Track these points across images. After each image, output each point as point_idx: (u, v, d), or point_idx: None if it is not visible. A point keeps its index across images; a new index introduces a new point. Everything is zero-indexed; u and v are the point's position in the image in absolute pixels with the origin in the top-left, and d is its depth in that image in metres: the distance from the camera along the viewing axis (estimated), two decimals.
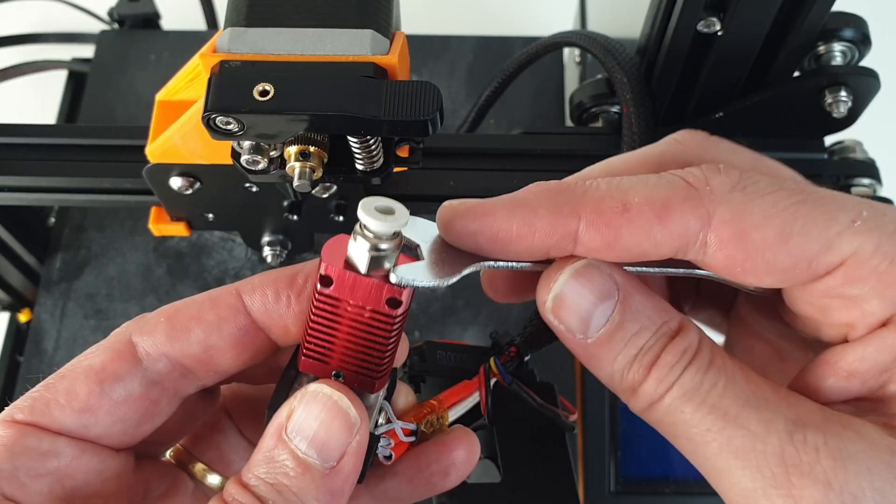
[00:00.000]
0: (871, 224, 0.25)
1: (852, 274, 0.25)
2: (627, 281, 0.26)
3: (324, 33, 0.35)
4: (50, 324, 0.60)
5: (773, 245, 0.25)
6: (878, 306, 0.25)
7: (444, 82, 0.69)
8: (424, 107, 0.33)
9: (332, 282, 0.25)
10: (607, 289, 0.26)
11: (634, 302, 0.26)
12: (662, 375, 0.25)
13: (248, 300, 0.28)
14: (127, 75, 0.69)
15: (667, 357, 0.25)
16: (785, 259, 0.25)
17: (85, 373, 0.27)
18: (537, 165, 0.47)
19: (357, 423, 0.26)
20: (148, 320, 0.28)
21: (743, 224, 0.25)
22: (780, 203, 0.25)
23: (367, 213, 0.24)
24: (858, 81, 0.44)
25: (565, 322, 0.26)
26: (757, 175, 0.26)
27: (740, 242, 0.25)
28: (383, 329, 0.26)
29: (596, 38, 0.48)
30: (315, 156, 0.36)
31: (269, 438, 0.26)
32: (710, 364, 0.25)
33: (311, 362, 0.28)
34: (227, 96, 0.33)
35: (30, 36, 0.80)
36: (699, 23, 0.41)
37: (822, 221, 0.25)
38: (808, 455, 0.23)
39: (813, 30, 0.43)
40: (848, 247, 0.24)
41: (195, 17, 0.77)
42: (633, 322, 0.26)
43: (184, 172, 0.44)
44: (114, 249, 0.62)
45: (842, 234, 0.25)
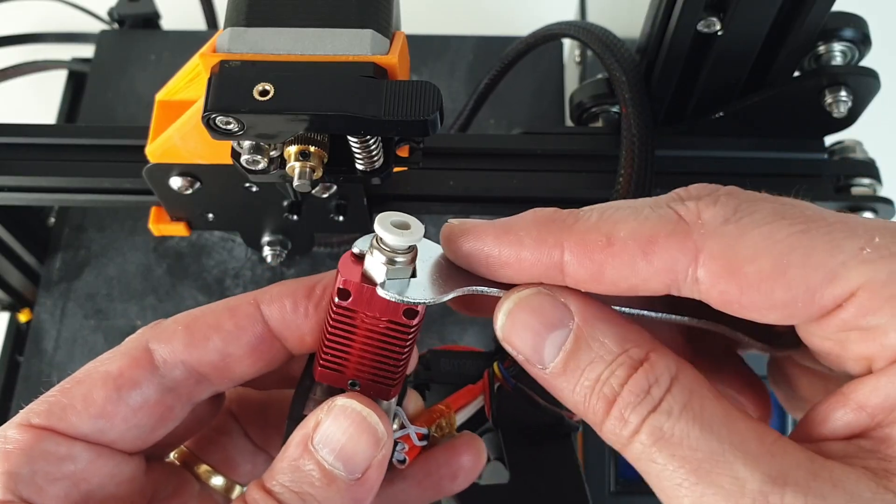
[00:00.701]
0: (884, 250, 0.23)
1: (866, 305, 0.22)
2: (586, 308, 0.25)
3: (324, 33, 0.35)
4: (50, 324, 0.60)
5: (768, 278, 0.23)
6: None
7: (444, 82, 0.69)
8: (424, 107, 0.33)
9: (350, 295, 0.26)
10: (557, 317, 0.25)
11: (591, 329, 0.25)
12: (625, 415, 0.23)
13: (266, 310, 0.28)
14: (127, 75, 0.69)
15: (627, 395, 0.23)
16: (783, 293, 0.23)
17: (102, 379, 0.27)
18: (537, 165, 0.47)
19: (384, 438, 0.27)
20: (165, 327, 0.28)
21: (735, 258, 0.23)
22: (778, 233, 0.23)
23: (384, 228, 0.25)
24: (858, 81, 0.44)
25: (518, 351, 0.25)
26: (758, 204, 0.24)
27: (733, 277, 0.23)
28: (399, 338, 0.27)
29: (596, 32, 0.47)
30: (315, 156, 0.36)
31: (295, 448, 0.26)
32: (683, 408, 0.23)
33: (328, 372, 0.28)
34: (227, 96, 0.33)
35: (30, 36, 0.80)
36: (699, 23, 0.41)
37: (824, 251, 0.23)
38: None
39: (813, 30, 0.43)
40: (856, 276, 0.22)
41: (195, 17, 0.77)
42: (587, 351, 0.24)
43: (184, 172, 0.44)
44: (114, 249, 0.62)
45: (847, 263, 0.23)
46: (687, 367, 0.24)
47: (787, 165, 0.48)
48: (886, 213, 0.46)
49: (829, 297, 0.23)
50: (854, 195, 0.47)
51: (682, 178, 0.48)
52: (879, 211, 0.46)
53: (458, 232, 0.26)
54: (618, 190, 0.43)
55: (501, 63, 0.53)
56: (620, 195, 0.42)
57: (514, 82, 0.68)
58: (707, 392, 0.24)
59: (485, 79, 0.54)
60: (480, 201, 0.48)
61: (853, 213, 0.25)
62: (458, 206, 0.49)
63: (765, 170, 0.47)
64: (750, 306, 0.24)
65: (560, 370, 0.25)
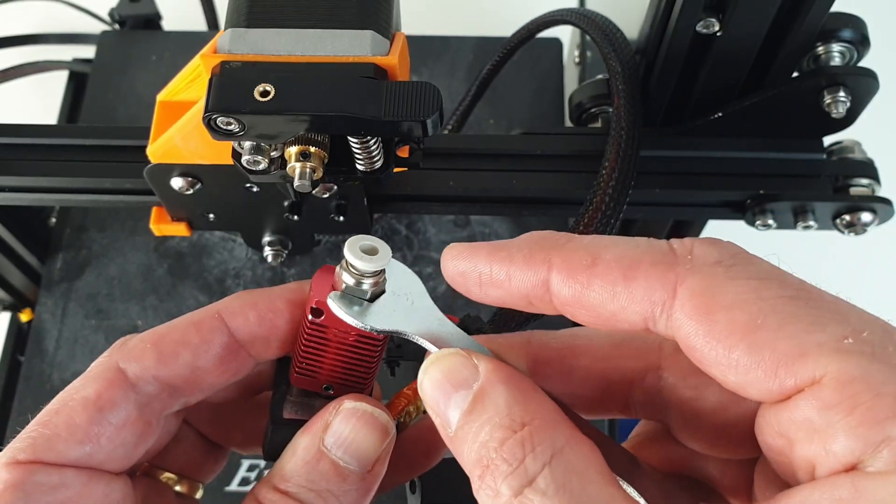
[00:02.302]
0: (867, 347, 0.20)
1: (826, 397, 0.20)
2: (495, 371, 0.24)
3: (324, 34, 0.35)
4: (51, 324, 0.60)
5: (737, 332, 0.21)
6: (844, 446, 0.20)
7: (444, 82, 0.69)
8: (424, 107, 0.33)
9: (323, 313, 0.28)
10: (464, 377, 0.24)
11: (490, 390, 0.24)
12: (496, 484, 0.22)
13: (230, 323, 0.29)
14: (128, 76, 0.69)
15: (499, 461, 0.22)
16: (746, 354, 0.21)
17: (81, 404, 0.27)
18: (537, 166, 0.47)
19: (391, 429, 0.28)
20: (133, 347, 0.29)
21: (711, 301, 0.21)
22: (765, 291, 0.21)
23: (352, 253, 0.27)
24: (857, 82, 0.44)
25: (431, 411, 0.25)
26: (757, 260, 0.23)
27: (703, 321, 0.21)
28: (369, 349, 0.29)
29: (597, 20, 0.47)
30: (315, 156, 0.36)
31: (305, 450, 0.28)
32: (559, 489, 0.21)
33: (304, 378, 0.30)
34: (227, 97, 0.33)
35: (31, 37, 0.80)
36: (698, 23, 0.41)
37: (804, 324, 0.21)
38: None
39: (812, 30, 0.43)
40: (826, 363, 0.20)
41: (196, 17, 0.77)
42: (480, 413, 0.23)
43: (185, 173, 0.44)
44: (115, 249, 0.62)
45: (823, 346, 0.20)
46: (579, 445, 0.22)
47: (786, 166, 0.48)
48: (885, 214, 0.46)
49: (791, 376, 0.20)
50: (853, 195, 0.47)
51: (682, 178, 0.48)
52: (878, 211, 0.46)
53: (455, 252, 0.27)
54: (599, 182, 0.43)
55: (504, 49, 0.53)
56: (601, 186, 0.42)
57: (514, 82, 0.68)
58: (595, 475, 0.22)
59: (487, 65, 0.55)
60: (480, 201, 0.48)
61: (844, 301, 0.22)
62: (458, 206, 0.49)
63: (764, 170, 0.48)
64: (711, 358, 0.22)
65: (458, 433, 0.24)
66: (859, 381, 0.20)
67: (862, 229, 0.47)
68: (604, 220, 0.42)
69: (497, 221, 0.62)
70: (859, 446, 0.19)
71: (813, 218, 0.47)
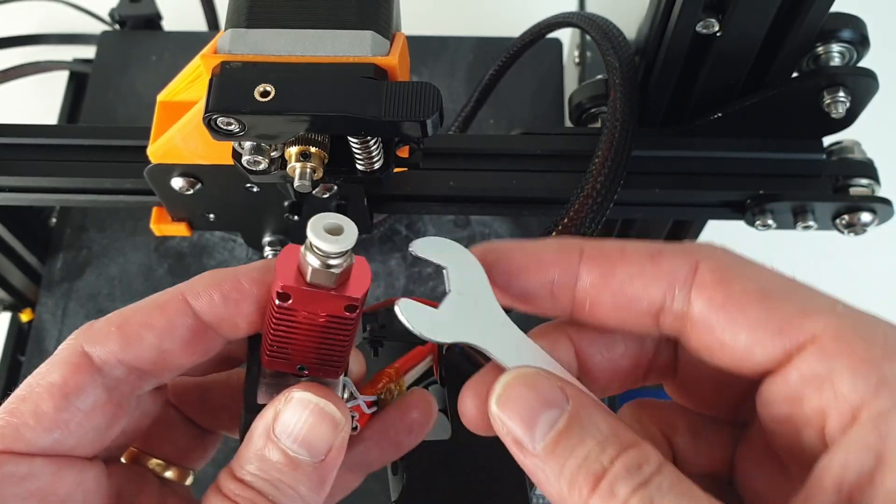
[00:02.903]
0: (855, 312, 0.25)
1: (826, 349, 0.23)
2: (582, 395, 0.26)
3: (324, 34, 0.35)
4: (51, 324, 0.60)
5: (751, 296, 0.25)
6: (849, 385, 0.23)
7: (444, 82, 0.69)
8: (424, 107, 0.33)
9: (290, 297, 0.27)
10: (554, 397, 0.25)
11: (586, 411, 0.25)
12: (614, 488, 0.23)
13: (194, 304, 0.29)
14: (128, 76, 0.69)
15: (618, 468, 0.23)
16: (757, 313, 0.25)
17: (48, 390, 0.27)
18: (537, 166, 0.47)
19: (342, 422, 0.28)
20: (98, 329, 0.28)
21: (728, 273, 0.25)
22: (770, 274, 0.26)
23: (315, 234, 0.25)
24: (857, 82, 0.44)
25: (510, 423, 0.25)
26: (760, 263, 0.26)
27: (721, 289, 0.25)
28: (342, 329, 0.28)
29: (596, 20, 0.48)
30: (315, 156, 0.36)
31: (259, 438, 0.28)
32: (672, 486, 0.23)
33: (276, 361, 0.30)
34: (228, 97, 0.34)
35: (31, 37, 0.81)
36: (698, 24, 0.41)
37: (804, 293, 0.25)
38: None
39: (811, 31, 0.43)
40: (824, 320, 0.24)
41: (196, 18, 0.77)
42: (579, 431, 0.25)
43: (185, 173, 0.44)
44: (115, 249, 0.63)
45: (821, 310, 0.24)
46: (671, 465, 0.25)
47: (786, 166, 0.48)
48: (885, 213, 0.46)
49: (795, 333, 0.24)
50: (852, 195, 0.47)
51: (682, 178, 0.48)
52: (878, 211, 0.46)
53: (488, 247, 0.28)
54: (591, 171, 0.43)
55: (506, 55, 0.54)
56: (592, 176, 0.43)
57: (514, 82, 0.68)
58: (692, 484, 0.24)
59: (489, 70, 0.55)
60: (480, 201, 0.48)
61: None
62: (458, 206, 0.49)
63: (763, 170, 0.48)
64: (726, 321, 0.25)
65: (549, 449, 0.25)
66: (851, 334, 0.23)
67: (861, 229, 0.47)
68: (594, 208, 0.42)
69: (497, 221, 0.62)
70: (861, 385, 0.22)
71: (812, 218, 0.47)
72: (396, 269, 0.61)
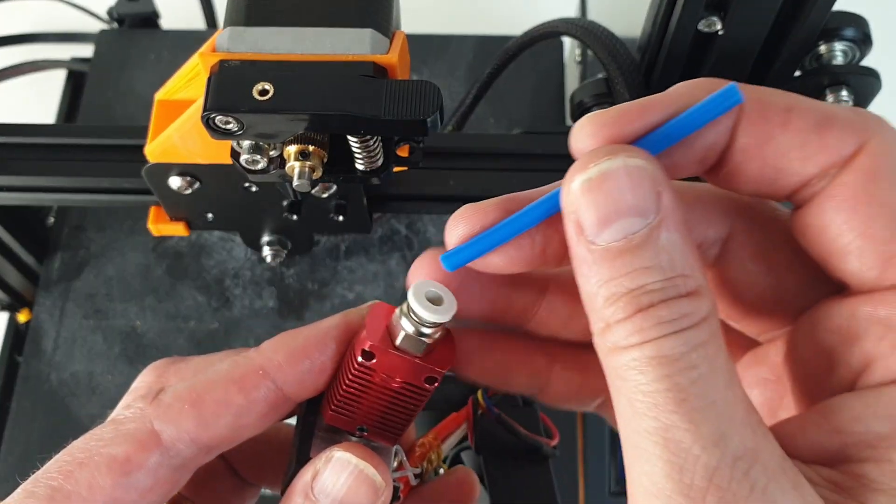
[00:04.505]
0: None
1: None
2: (675, 211, 0.22)
3: (323, 32, 0.35)
4: (49, 324, 0.60)
5: (889, 210, 0.22)
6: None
7: (444, 82, 0.69)
8: (424, 106, 0.33)
9: (374, 356, 0.26)
10: (647, 204, 0.22)
11: (666, 236, 0.22)
12: (645, 326, 0.21)
13: (277, 377, 0.27)
14: (126, 75, 0.69)
15: (661, 311, 0.21)
16: (883, 229, 0.22)
17: (107, 464, 0.26)
18: (538, 165, 0.47)
19: (382, 487, 0.26)
20: (170, 406, 0.27)
21: (882, 171, 0.22)
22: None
23: (418, 300, 0.25)
24: (859, 81, 0.44)
25: (583, 211, 0.22)
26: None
27: (868, 180, 0.22)
28: (415, 398, 0.28)
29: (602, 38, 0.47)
30: (315, 155, 0.36)
31: (297, 495, 0.26)
32: (703, 344, 0.21)
33: (339, 417, 0.29)
34: (226, 96, 0.33)
35: (29, 35, 0.80)
36: (700, 22, 0.41)
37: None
38: (741, 488, 0.20)
39: (814, 29, 0.43)
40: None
41: (194, 16, 0.76)
42: (652, 255, 0.21)
43: (183, 172, 0.44)
44: (113, 249, 0.62)
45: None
46: (721, 337, 0.22)
47: None
48: None
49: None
50: None
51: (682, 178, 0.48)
52: None
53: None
54: None
55: (504, 55, 0.53)
56: None
57: (515, 82, 0.68)
58: (727, 351, 0.22)
59: (487, 70, 0.54)
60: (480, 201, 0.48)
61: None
62: (458, 205, 0.49)
63: None
64: (852, 216, 0.23)
65: (612, 255, 0.22)
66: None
67: None
68: None
69: None
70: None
71: None
72: (396, 269, 0.61)
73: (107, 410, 0.57)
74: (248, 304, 0.60)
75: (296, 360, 0.27)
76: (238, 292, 0.61)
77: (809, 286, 0.25)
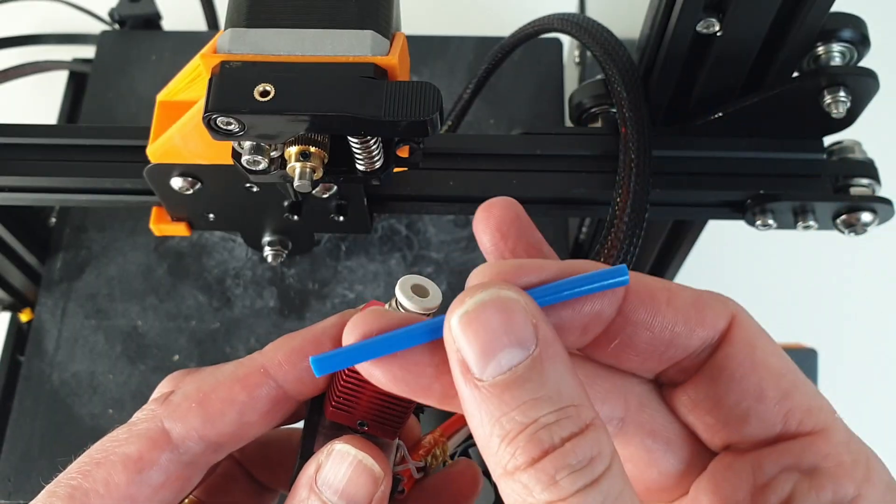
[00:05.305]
0: (851, 434, 0.25)
1: (829, 442, 0.24)
2: (554, 342, 0.23)
3: (324, 34, 0.35)
4: (51, 324, 0.60)
5: (773, 375, 0.25)
6: (831, 492, 0.24)
7: (444, 82, 0.69)
8: (424, 107, 0.33)
9: None
10: (524, 334, 0.22)
11: (551, 364, 0.22)
12: (558, 477, 0.20)
13: (277, 375, 0.29)
14: (128, 76, 0.69)
15: (568, 454, 0.21)
16: (774, 392, 0.25)
17: (122, 462, 0.27)
18: (537, 166, 0.47)
19: (381, 476, 0.28)
20: (178, 405, 0.28)
21: (757, 339, 0.26)
22: (782, 355, 0.26)
23: (403, 293, 0.27)
24: (857, 82, 0.44)
25: (464, 346, 0.22)
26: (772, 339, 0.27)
27: (749, 349, 0.25)
28: None
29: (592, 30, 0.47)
30: (315, 156, 0.36)
31: (302, 489, 0.28)
32: (620, 495, 0.21)
33: (339, 413, 0.30)
34: (227, 97, 0.33)
35: (31, 37, 0.80)
36: (698, 23, 0.41)
37: (812, 391, 0.26)
38: None
39: (812, 30, 0.43)
40: (831, 418, 0.25)
41: (196, 17, 0.77)
42: (538, 385, 0.21)
43: (184, 173, 0.44)
44: (114, 249, 0.62)
45: (829, 409, 0.25)
46: (620, 462, 0.22)
47: (786, 165, 0.48)
48: (885, 213, 0.46)
49: (803, 416, 0.25)
50: (853, 195, 0.47)
51: (683, 178, 0.48)
52: (878, 211, 0.46)
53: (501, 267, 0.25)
54: (614, 211, 0.43)
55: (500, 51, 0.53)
56: (617, 216, 0.43)
57: (514, 82, 0.68)
58: (636, 497, 0.22)
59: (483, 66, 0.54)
60: (480, 201, 0.48)
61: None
62: (458, 205, 0.49)
63: (764, 170, 0.48)
64: (748, 383, 0.25)
65: (499, 389, 0.22)
66: (850, 442, 0.25)
67: (862, 229, 0.47)
68: (620, 256, 0.42)
69: None
70: (849, 489, 0.24)
71: (813, 218, 0.47)
72: (396, 269, 0.61)
73: (108, 410, 0.57)
74: (249, 303, 0.60)
75: (295, 360, 0.28)
76: (239, 292, 0.61)
77: (698, 453, 0.27)
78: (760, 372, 0.25)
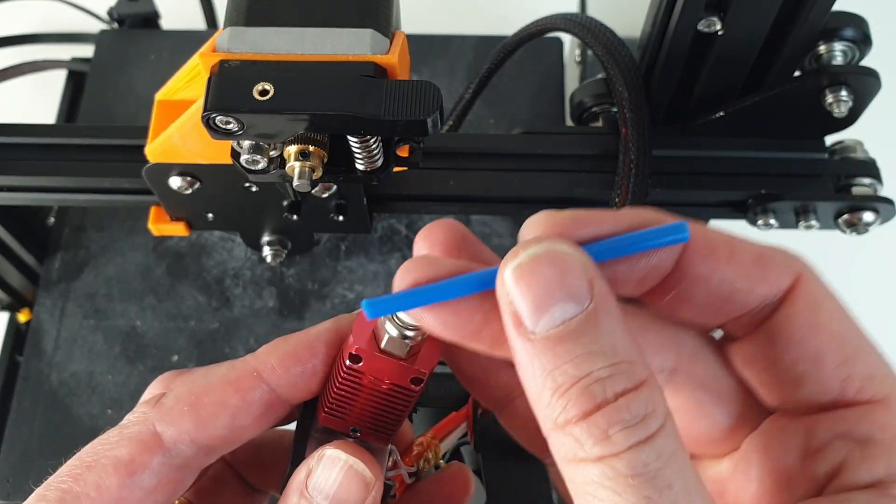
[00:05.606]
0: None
1: (888, 412, 0.23)
2: (608, 298, 0.22)
3: (324, 33, 0.35)
4: (49, 324, 0.60)
5: (836, 331, 0.24)
6: (884, 466, 0.23)
7: (445, 81, 0.69)
8: (425, 106, 0.33)
9: (361, 359, 0.27)
10: (579, 290, 0.22)
11: (605, 320, 0.22)
12: (610, 432, 0.20)
13: (270, 378, 0.28)
14: (126, 75, 0.69)
15: (622, 409, 0.20)
16: (836, 356, 0.24)
17: (113, 465, 0.27)
18: (537, 165, 0.47)
19: (372, 482, 0.27)
20: (170, 409, 0.28)
21: (822, 301, 0.24)
22: (849, 318, 0.25)
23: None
24: (859, 81, 0.44)
25: (517, 298, 0.22)
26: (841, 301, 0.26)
27: (811, 311, 0.24)
28: (402, 399, 0.28)
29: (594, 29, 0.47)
30: (315, 155, 0.36)
31: (293, 494, 0.27)
32: (673, 455, 0.20)
33: (332, 419, 0.30)
34: (226, 96, 0.33)
35: (29, 36, 0.80)
36: (700, 22, 0.41)
37: (876, 357, 0.25)
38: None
39: (814, 29, 0.43)
40: (894, 388, 0.24)
41: (195, 16, 0.76)
42: (592, 340, 0.21)
43: (183, 172, 0.44)
44: (113, 249, 0.62)
45: (893, 379, 0.24)
46: (673, 421, 0.22)
47: (788, 165, 0.48)
48: (887, 213, 0.46)
49: (864, 391, 0.24)
50: (855, 195, 0.47)
51: (684, 177, 0.48)
52: (880, 210, 0.46)
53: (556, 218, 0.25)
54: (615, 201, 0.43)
55: (503, 51, 0.53)
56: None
57: (514, 82, 0.68)
58: (687, 457, 0.21)
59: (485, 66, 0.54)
60: (480, 201, 0.48)
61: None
62: (458, 205, 0.49)
63: (765, 169, 0.47)
64: (809, 346, 0.24)
65: (552, 342, 0.21)
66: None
67: (864, 229, 0.47)
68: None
69: (497, 221, 0.62)
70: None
71: (815, 217, 0.47)
72: (396, 269, 0.61)
73: (107, 410, 0.57)
74: (248, 304, 0.60)
75: (288, 364, 0.28)
76: (238, 292, 0.61)
77: (751, 410, 0.26)
78: (821, 336, 0.24)
